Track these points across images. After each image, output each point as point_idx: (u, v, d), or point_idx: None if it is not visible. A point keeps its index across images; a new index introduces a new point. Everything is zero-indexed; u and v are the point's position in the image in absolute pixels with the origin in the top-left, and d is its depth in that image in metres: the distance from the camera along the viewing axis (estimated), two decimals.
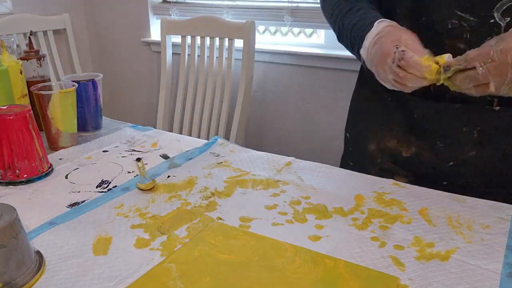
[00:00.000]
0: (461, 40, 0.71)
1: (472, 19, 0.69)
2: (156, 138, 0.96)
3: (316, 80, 1.87)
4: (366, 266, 0.55)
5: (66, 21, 2.20)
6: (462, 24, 0.70)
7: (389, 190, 0.73)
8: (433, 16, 0.72)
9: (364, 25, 0.74)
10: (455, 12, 0.70)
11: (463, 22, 0.70)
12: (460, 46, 0.71)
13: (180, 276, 0.53)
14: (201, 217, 0.66)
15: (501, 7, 0.66)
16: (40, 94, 0.87)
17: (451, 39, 0.72)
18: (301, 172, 0.80)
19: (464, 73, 0.62)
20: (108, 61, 2.51)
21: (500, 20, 0.67)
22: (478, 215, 0.65)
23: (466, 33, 0.70)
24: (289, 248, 0.58)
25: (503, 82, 0.60)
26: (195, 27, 1.92)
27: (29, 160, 0.77)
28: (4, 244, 0.50)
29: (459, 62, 0.63)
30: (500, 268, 0.54)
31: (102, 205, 0.70)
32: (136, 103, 2.50)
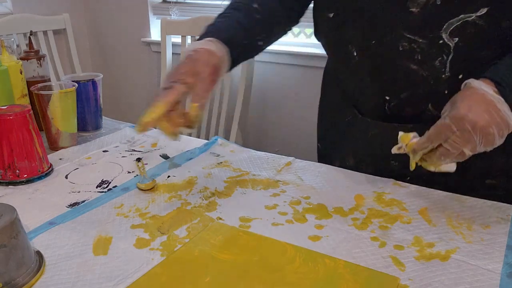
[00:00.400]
0: (412, 61, 0.71)
1: (422, 40, 0.69)
2: (156, 138, 0.96)
3: (316, 80, 1.86)
4: (366, 266, 0.55)
5: (66, 21, 2.20)
6: (412, 46, 0.70)
7: (389, 190, 0.73)
8: (383, 39, 0.72)
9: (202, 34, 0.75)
10: (404, 34, 0.70)
11: (413, 44, 0.69)
12: (413, 67, 0.71)
13: (180, 276, 0.53)
14: (201, 217, 0.66)
15: (448, 27, 0.66)
16: (40, 94, 0.87)
17: (403, 60, 0.71)
18: (301, 172, 0.80)
19: (436, 152, 0.61)
20: (108, 61, 2.51)
21: (449, 41, 0.67)
22: (478, 215, 0.65)
23: (417, 55, 0.70)
24: (289, 248, 0.58)
25: (475, 145, 0.59)
26: (195, 27, 1.92)
27: (29, 160, 0.77)
28: (4, 244, 0.50)
29: (424, 145, 0.62)
30: (500, 268, 0.54)
31: (102, 205, 0.70)
32: (136, 103, 2.50)
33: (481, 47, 0.67)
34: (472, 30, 0.65)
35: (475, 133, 0.58)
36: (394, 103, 0.76)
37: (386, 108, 0.77)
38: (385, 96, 0.76)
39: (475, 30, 0.65)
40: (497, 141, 0.60)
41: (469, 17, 0.65)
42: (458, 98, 0.61)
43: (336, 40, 0.80)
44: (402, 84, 0.74)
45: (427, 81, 0.71)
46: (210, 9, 2.10)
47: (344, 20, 0.76)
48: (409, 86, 0.73)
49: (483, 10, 0.64)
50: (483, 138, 0.59)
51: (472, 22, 0.65)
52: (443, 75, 0.70)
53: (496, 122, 0.59)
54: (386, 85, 0.76)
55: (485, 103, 0.59)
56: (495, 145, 0.60)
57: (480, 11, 0.64)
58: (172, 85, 0.64)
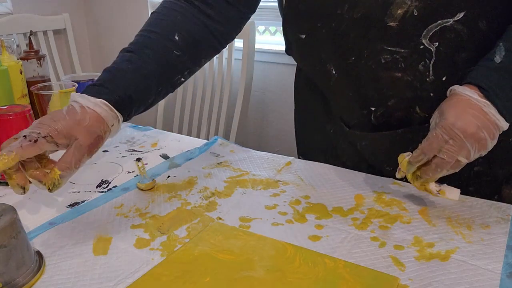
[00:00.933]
0: (396, 69, 0.70)
1: (403, 50, 0.68)
2: (156, 138, 0.96)
3: None
4: (366, 266, 0.55)
5: (66, 21, 2.20)
6: (394, 57, 0.69)
7: (389, 190, 0.73)
8: (362, 55, 0.71)
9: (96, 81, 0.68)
10: (384, 47, 0.69)
11: (395, 55, 0.69)
12: (397, 74, 0.70)
13: (180, 276, 0.53)
14: (201, 217, 0.66)
15: (428, 33, 0.66)
16: (40, 94, 0.87)
17: (386, 71, 0.71)
18: (301, 172, 0.80)
19: (432, 165, 0.62)
20: (108, 61, 2.50)
21: (429, 46, 0.67)
22: (478, 214, 0.65)
23: (400, 63, 0.69)
24: (289, 248, 0.58)
25: (469, 152, 0.59)
26: None
27: None
28: (4, 244, 0.50)
29: (418, 158, 0.62)
30: (500, 268, 0.54)
31: (102, 205, 0.70)
32: None
33: (462, 49, 0.67)
34: (452, 34, 0.65)
35: (467, 139, 0.59)
36: (380, 112, 0.75)
37: (372, 118, 0.76)
38: (370, 108, 0.76)
39: (454, 34, 0.65)
40: (489, 145, 0.60)
41: (446, 22, 0.65)
42: (445, 106, 0.62)
43: (312, 60, 0.78)
44: (387, 92, 0.73)
45: (412, 85, 0.71)
46: None
47: (319, 40, 0.74)
48: (395, 93, 0.73)
49: (459, 14, 0.64)
50: (476, 143, 0.59)
51: (451, 26, 0.65)
52: (427, 79, 0.69)
53: (485, 126, 0.59)
54: (371, 97, 0.75)
55: (471, 108, 0.60)
56: (489, 148, 0.60)
57: (457, 16, 0.64)
58: (37, 138, 0.56)
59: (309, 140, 0.95)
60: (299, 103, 0.97)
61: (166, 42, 0.71)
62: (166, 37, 0.72)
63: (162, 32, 0.72)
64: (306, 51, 0.78)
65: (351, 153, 0.84)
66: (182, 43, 0.72)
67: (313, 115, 0.91)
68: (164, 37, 0.72)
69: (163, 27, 0.73)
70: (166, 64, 0.71)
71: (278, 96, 1.98)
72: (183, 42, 0.73)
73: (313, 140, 0.93)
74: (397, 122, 0.75)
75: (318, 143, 0.91)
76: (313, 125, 0.92)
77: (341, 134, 0.84)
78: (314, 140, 0.92)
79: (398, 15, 0.66)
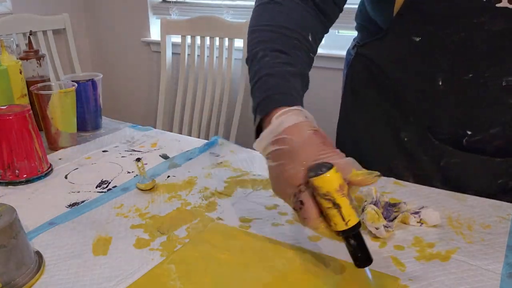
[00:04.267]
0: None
1: None
2: (155, 138, 0.96)
3: (316, 80, 1.86)
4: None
5: (66, 21, 2.20)
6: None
7: (390, 189, 0.72)
8: (484, 73, 0.65)
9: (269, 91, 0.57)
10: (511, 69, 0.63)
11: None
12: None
13: (180, 276, 0.53)
14: (201, 217, 0.66)
15: None
16: (39, 94, 0.87)
17: (504, 96, 0.65)
18: None
19: None
20: (108, 61, 2.51)
21: None
22: (478, 214, 0.65)
23: None
24: (289, 248, 0.58)
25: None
26: (195, 27, 1.92)
27: (28, 160, 0.77)
28: (4, 244, 0.50)
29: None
30: (500, 269, 0.54)
31: (101, 205, 0.70)
32: (136, 103, 2.50)
33: None
34: None
35: None
36: (477, 138, 0.70)
37: (463, 142, 0.71)
38: (466, 131, 0.70)
39: None
40: None
41: None
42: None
43: (415, 66, 0.72)
44: (495, 119, 0.68)
45: None
46: (210, 9, 2.10)
47: (437, 47, 0.67)
48: (503, 121, 0.68)
49: None
50: None
51: None
52: None
53: None
54: (472, 119, 0.69)
55: None
56: None
57: None
58: None
59: (369, 144, 0.84)
60: (357, 101, 0.86)
61: (306, 44, 0.65)
62: (305, 39, 0.65)
63: (300, 31, 0.65)
64: (414, 56, 0.71)
65: (429, 167, 0.77)
66: (313, 44, 0.68)
67: (380, 118, 0.81)
68: (303, 37, 0.65)
69: (299, 25, 0.65)
70: (308, 66, 0.67)
71: None
72: (314, 42, 0.68)
73: (375, 145, 0.83)
74: (493, 150, 0.71)
75: (384, 149, 0.82)
76: (377, 128, 0.82)
77: (422, 144, 0.77)
78: (377, 145, 0.83)
79: None
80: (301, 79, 0.61)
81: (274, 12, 0.66)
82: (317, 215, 0.49)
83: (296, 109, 0.54)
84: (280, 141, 0.52)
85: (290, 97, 0.56)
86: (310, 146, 0.50)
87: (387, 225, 0.59)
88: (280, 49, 0.61)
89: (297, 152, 0.50)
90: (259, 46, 0.63)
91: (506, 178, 0.73)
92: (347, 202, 0.48)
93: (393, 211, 0.64)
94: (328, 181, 0.47)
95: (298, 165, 0.50)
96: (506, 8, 0.61)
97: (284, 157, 0.51)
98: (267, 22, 0.65)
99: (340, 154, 0.51)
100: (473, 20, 0.63)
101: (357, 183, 0.49)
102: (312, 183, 0.48)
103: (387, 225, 0.59)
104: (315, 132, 0.52)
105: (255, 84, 0.59)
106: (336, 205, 0.48)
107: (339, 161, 0.49)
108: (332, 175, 0.47)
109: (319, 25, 0.70)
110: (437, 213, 0.62)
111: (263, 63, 0.60)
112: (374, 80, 0.81)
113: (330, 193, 0.47)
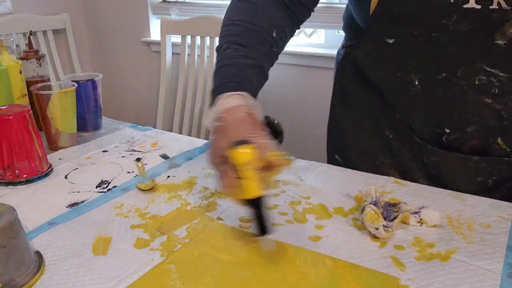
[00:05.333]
0: (487, 95, 0.66)
1: (503, 74, 0.64)
2: (156, 138, 0.96)
3: (316, 80, 1.87)
4: (366, 267, 0.55)
5: (65, 21, 2.20)
6: (491, 80, 0.65)
7: (390, 189, 0.72)
8: (457, 71, 0.67)
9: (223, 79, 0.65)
10: (483, 67, 0.65)
11: (492, 78, 0.65)
12: (487, 100, 0.67)
13: (180, 276, 0.53)
14: (201, 218, 0.66)
15: None
16: (39, 94, 0.87)
17: (476, 94, 0.67)
18: (301, 172, 0.80)
19: None
20: (108, 61, 2.51)
21: None
22: (478, 214, 0.65)
23: (494, 89, 0.65)
24: (289, 248, 0.58)
25: None
26: (195, 27, 1.92)
27: (28, 160, 0.77)
28: (4, 244, 0.50)
29: None
30: (500, 269, 0.54)
31: (101, 205, 0.70)
32: (136, 103, 2.50)
33: None
34: None
35: None
36: (455, 136, 0.72)
37: (443, 140, 0.73)
38: (445, 129, 0.72)
39: None
40: None
41: None
42: None
43: (393, 67, 0.74)
44: (470, 118, 0.69)
45: (499, 114, 0.67)
46: (210, 9, 2.10)
47: (410, 48, 0.70)
48: (478, 120, 0.69)
49: None
50: None
51: None
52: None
53: None
54: (449, 118, 0.71)
55: None
56: None
57: None
58: None
59: (355, 141, 0.88)
60: (345, 100, 0.89)
61: (269, 39, 0.72)
62: (268, 33, 0.72)
63: (264, 27, 0.72)
64: (389, 57, 0.74)
65: (414, 165, 0.80)
66: (278, 40, 0.73)
67: (366, 116, 0.85)
68: (266, 32, 0.72)
69: (264, 21, 0.72)
70: (268, 59, 0.73)
71: (278, 96, 1.98)
72: (279, 38, 0.74)
73: (361, 142, 0.86)
74: (469, 150, 0.72)
75: (370, 146, 0.85)
76: (364, 126, 0.85)
77: (406, 142, 0.79)
78: (363, 142, 0.86)
79: (510, 33, 0.62)
80: (258, 70, 0.69)
81: (245, 8, 0.74)
82: (230, 184, 0.55)
83: (240, 94, 0.62)
84: (219, 119, 0.60)
85: (238, 85, 0.64)
86: (240, 125, 0.58)
87: (387, 225, 0.59)
88: (242, 43, 0.69)
89: (229, 129, 0.58)
90: (226, 39, 0.71)
91: (485, 176, 0.74)
92: (254, 175, 0.54)
93: (393, 211, 0.64)
94: (240, 155, 0.54)
95: (226, 140, 0.56)
96: (473, 9, 0.63)
97: (219, 132, 0.59)
98: (236, 17, 0.73)
99: (265, 136, 0.57)
100: (441, 21, 0.65)
101: (272, 162, 0.55)
102: (228, 154, 0.55)
103: (387, 225, 0.59)
104: (248, 115, 0.59)
105: (216, 71, 0.68)
106: (243, 176, 0.54)
107: (260, 141, 0.56)
108: (244, 151, 0.54)
109: (286, 22, 0.75)
110: (437, 213, 0.62)
111: (225, 54, 0.69)
112: (360, 79, 0.83)
113: (240, 165, 0.54)
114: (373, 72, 0.80)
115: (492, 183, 0.74)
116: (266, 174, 0.56)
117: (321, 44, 1.91)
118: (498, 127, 0.69)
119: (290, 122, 1.97)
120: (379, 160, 0.84)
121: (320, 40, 1.92)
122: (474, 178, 0.74)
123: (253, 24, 0.71)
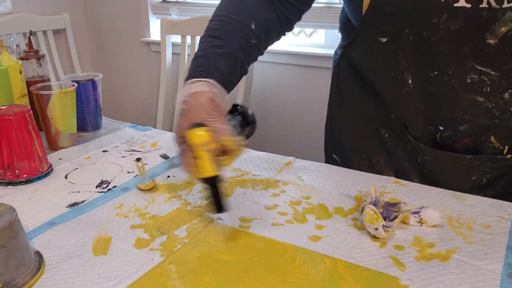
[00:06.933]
0: (479, 93, 0.67)
1: (494, 73, 0.65)
2: (155, 138, 0.96)
3: (316, 80, 1.87)
4: (366, 267, 0.55)
5: (65, 21, 2.20)
6: (482, 78, 0.65)
7: (390, 189, 0.72)
8: (448, 70, 0.67)
9: (193, 68, 0.69)
10: (475, 66, 0.65)
11: (483, 76, 0.65)
12: (478, 99, 0.67)
13: (180, 276, 0.53)
14: (201, 217, 0.66)
15: None
16: (39, 94, 0.87)
17: (468, 93, 0.68)
18: (301, 172, 0.80)
19: None
20: (108, 61, 2.51)
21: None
22: (478, 214, 0.65)
23: (486, 87, 0.66)
24: (289, 248, 0.58)
25: None
26: (195, 27, 1.92)
27: (28, 160, 0.77)
28: (4, 244, 0.50)
29: None
30: (500, 269, 0.54)
31: (101, 205, 0.70)
32: (136, 103, 2.49)
33: None
34: None
35: None
36: (448, 134, 0.73)
37: (437, 137, 0.74)
38: (439, 126, 0.73)
39: None
40: None
41: None
42: None
43: (387, 66, 0.74)
44: (462, 116, 0.70)
45: (491, 113, 0.68)
46: (210, 9, 2.09)
47: (402, 46, 0.70)
48: (470, 118, 0.70)
49: None
50: None
51: None
52: (511, 108, 0.66)
53: None
54: (442, 116, 0.72)
55: None
56: None
57: None
58: None
59: (352, 140, 0.88)
60: (342, 99, 0.90)
61: (246, 31, 0.74)
62: (245, 25, 0.74)
63: (242, 19, 0.74)
64: (383, 56, 0.74)
65: (408, 164, 0.80)
66: (257, 31, 0.75)
67: (362, 115, 0.85)
68: (243, 24, 0.74)
69: (243, 14, 0.75)
70: (244, 49, 0.74)
71: (278, 96, 1.98)
72: (259, 30, 0.75)
73: (357, 141, 0.87)
74: (462, 148, 0.73)
75: (366, 145, 0.86)
76: (360, 125, 0.86)
77: (400, 141, 0.80)
78: (359, 141, 0.87)
79: (501, 32, 0.62)
80: (230, 59, 0.71)
81: (229, 4, 0.77)
82: (188, 163, 0.59)
83: (205, 81, 0.66)
84: (185, 102, 0.63)
85: (205, 73, 0.68)
86: (201, 109, 0.61)
87: (387, 225, 0.59)
88: (215, 35, 0.73)
89: (190, 111, 0.61)
90: (205, 33, 0.75)
91: (479, 175, 0.75)
92: (207, 156, 0.57)
93: (393, 211, 0.64)
94: (194, 136, 0.57)
95: (187, 121, 0.60)
96: (463, 8, 0.63)
97: (183, 114, 0.62)
98: (219, 13, 0.76)
99: (222, 121, 0.61)
100: (432, 20, 0.65)
101: (225, 146, 0.58)
102: (184, 134, 0.59)
103: (387, 225, 0.59)
104: (210, 100, 0.62)
105: (191, 62, 0.72)
106: (197, 156, 0.57)
107: (216, 125, 0.59)
108: (199, 133, 0.57)
109: (271, 16, 0.77)
110: (437, 213, 0.62)
111: (200, 46, 0.73)
112: (356, 79, 0.84)
113: (193, 146, 0.57)
114: (368, 71, 0.80)
115: (486, 181, 0.75)
116: (222, 158, 0.59)
117: (321, 44, 1.91)
118: (490, 125, 0.70)
119: (290, 122, 1.97)
120: (374, 159, 0.84)
121: (320, 40, 1.92)
122: (467, 176, 0.75)
123: (231, 18, 0.74)
